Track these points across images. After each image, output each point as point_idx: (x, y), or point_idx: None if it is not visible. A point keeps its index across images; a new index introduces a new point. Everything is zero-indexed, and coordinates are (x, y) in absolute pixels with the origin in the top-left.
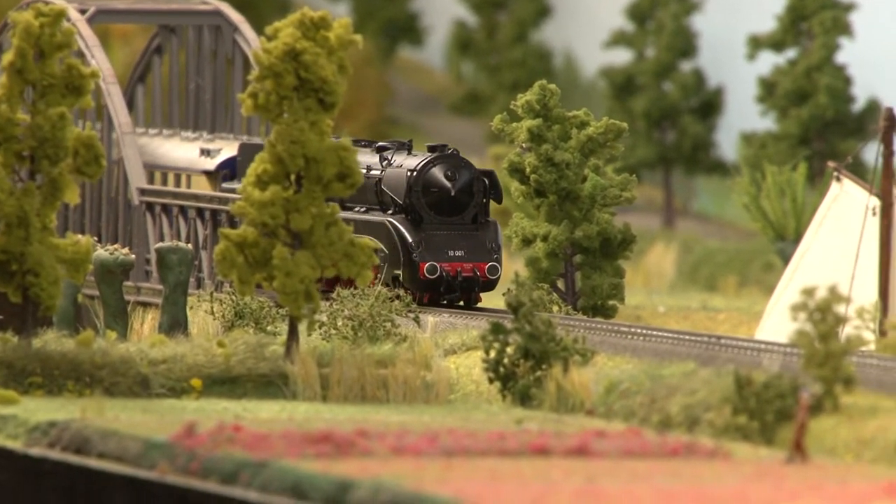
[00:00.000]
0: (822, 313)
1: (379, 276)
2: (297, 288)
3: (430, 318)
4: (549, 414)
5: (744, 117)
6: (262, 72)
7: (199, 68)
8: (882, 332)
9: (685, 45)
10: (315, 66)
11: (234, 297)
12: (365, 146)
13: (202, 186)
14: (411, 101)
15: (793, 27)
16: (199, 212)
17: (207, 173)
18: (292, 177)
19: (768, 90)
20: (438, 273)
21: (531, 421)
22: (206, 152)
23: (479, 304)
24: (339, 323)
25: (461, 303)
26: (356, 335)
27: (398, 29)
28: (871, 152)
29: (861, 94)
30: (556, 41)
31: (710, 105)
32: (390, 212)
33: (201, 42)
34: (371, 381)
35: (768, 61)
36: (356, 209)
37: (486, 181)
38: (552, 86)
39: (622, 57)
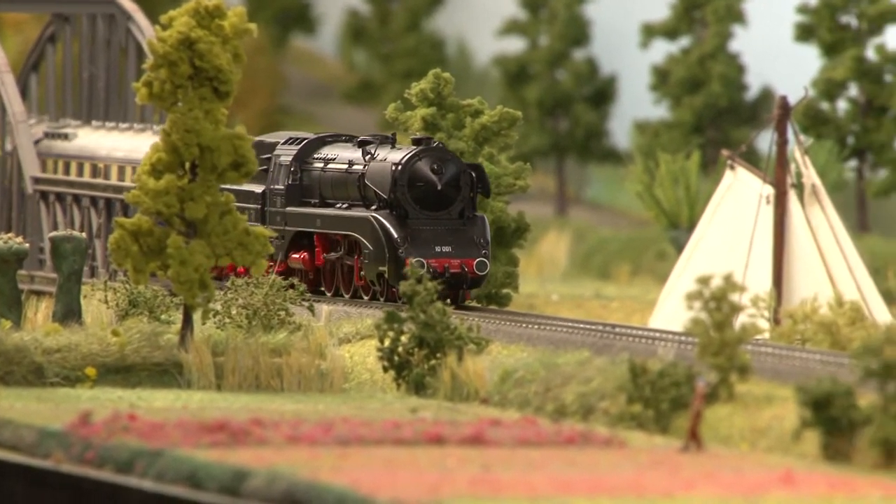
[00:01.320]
0: (718, 302)
1: (362, 272)
2: (191, 277)
3: (325, 307)
4: (444, 402)
5: (637, 106)
6: (156, 60)
7: (93, 57)
8: (776, 321)
9: (578, 33)
10: (210, 55)
11: (128, 286)
12: (346, 141)
13: None
14: (304, 89)
15: (686, 15)
16: (93, 200)
17: None
18: (187, 165)
19: (662, 78)
20: (425, 269)
21: (426, 409)
22: None
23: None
24: (234, 312)
25: (448, 300)
26: (250, 324)
27: (291, 17)
28: (765, 141)
29: (754, 82)
30: (448, 30)
31: (603, 93)
32: (374, 207)
33: (95, 31)
34: (265, 370)
35: (662, 50)
36: (338, 205)
37: (473, 175)
38: (446, 74)
39: (515, 45)
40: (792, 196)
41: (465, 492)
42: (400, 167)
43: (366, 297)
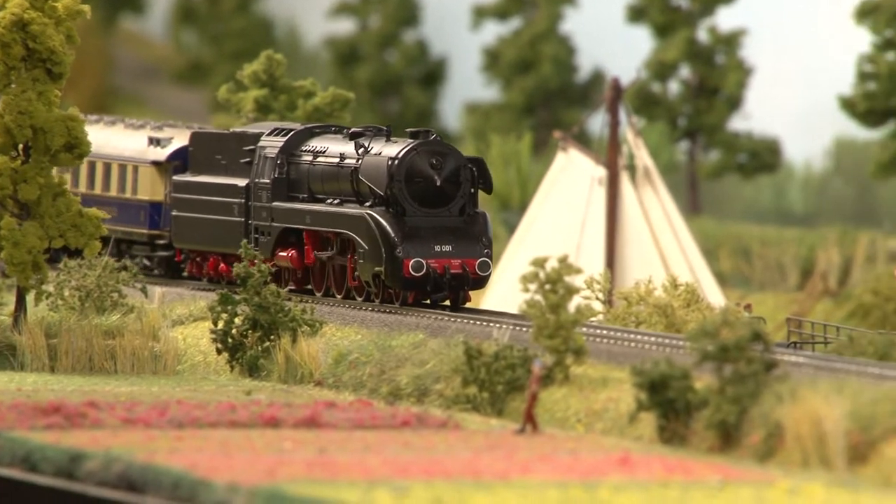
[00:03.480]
0: (553, 284)
1: (356, 273)
2: (24, 258)
3: (158, 289)
4: (279, 385)
5: (468, 87)
6: None
7: None
8: (610, 303)
9: (409, 15)
10: (43, 37)
11: None
12: (336, 132)
13: (150, 178)
14: (133, 71)
15: None
16: None
17: (157, 164)
18: (20, 147)
19: (493, 60)
20: (425, 270)
21: (260, 392)
22: (155, 141)
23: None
24: (67, 293)
25: (448, 303)
26: (83, 306)
27: None
28: (597, 122)
29: (586, 63)
30: (278, 11)
31: (433, 75)
32: (369, 204)
33: None
34: (99, 352)
35: (492, 31)
36: (329, 200)
37: (474, 169)
38: (278, 56)
39: (346, 27)
40: (624, 178)
41: (301, 474)
42: (396, 161)
43: (359, 299)
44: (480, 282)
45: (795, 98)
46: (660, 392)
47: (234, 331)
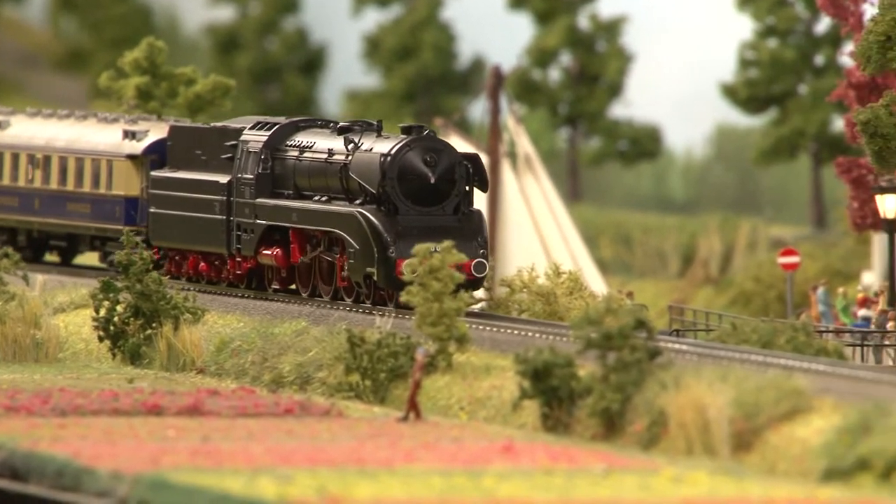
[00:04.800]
0: (436, 272)
1: (346, 273)
2: None
3: (39, 277)
4: (161, 373)
5: (349, 74)
6: None
7: None
8: (489, 290)
9: (289, 2)
10: None
11: None
12: (322, 126)
13: (126, 173)
14: (12, 58)
15: None
16: None
17: (132, 158)
18: None
19: (373, 47)
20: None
21: (143, 380)
22: (130, 135)
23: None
24: None
25: None
26: None
27: None
28: (478, 109)
29: (466, 50)
30: None
31: (314, 62)
32: (359, 201)
33: None
34: None
35: (373, 18)
36: (317, 198)
37: (469, 166)
38: (160, 43)
39: (226, 14)
40: (505, 165)
41: (185, 462)
42: (389, 158)
43: (348, 299)
44: (476, 283)
45: (676, 85)
46: (543, 380)
47: (115, 318)
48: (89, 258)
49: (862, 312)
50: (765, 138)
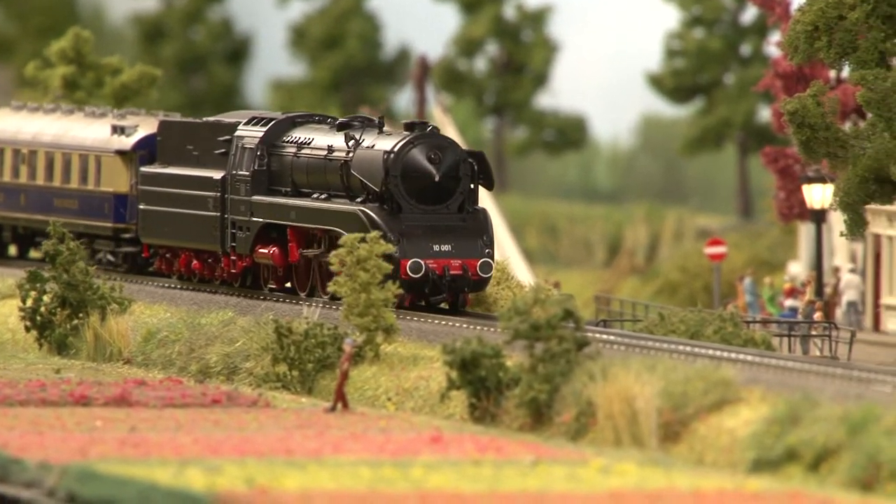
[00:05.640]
0: (363, 263)
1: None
2: None
3: None
4: (88, 363)
5: (274, 64)
6: None
7: None
8: None
9: None
10: None
11: None
12: (320, 122)
13: (115, 169)
14: None
15: None
16: None
17: (122, 154)
18: None
19: (299, 37)
20: (423, 271)
21: (70, 370)
22: (119, 130)
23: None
24: None
25: (446, 306)
26: None
27: None
28: (405, 99)
29: (392, 40)
30: None
31: (239, 52)
32: (360, 199)
33: None
34: None
35: (299, 8)
36: (316, 195)
37: (474, 164)
38: (86, 33)
39: (151, 4)
40: None
41: (113, 453)
42: (392, 156)
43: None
44: (482, 283)
45: (602, 75)
46: (471, 370)
47: (42, 309)
48: None
49: (789, 303)
50: (691, 128)
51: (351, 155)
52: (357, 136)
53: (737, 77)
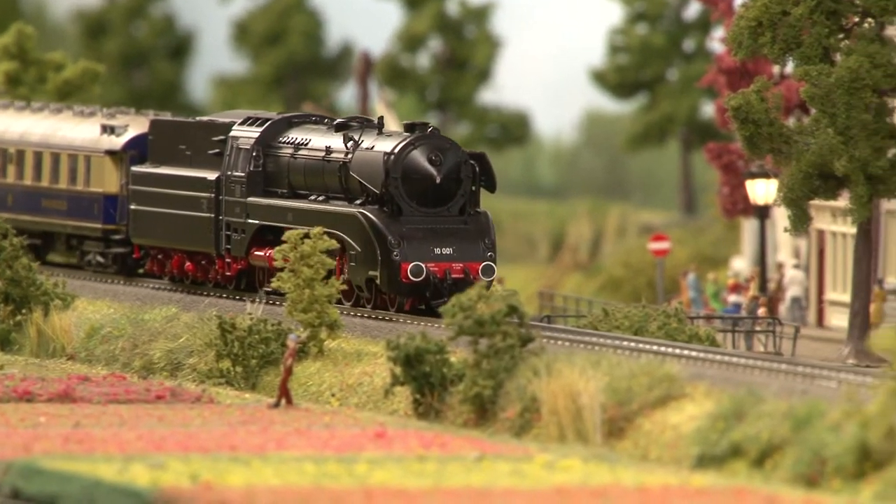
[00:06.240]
0: (306, 259)
1: (346, 276)
2: None
3: None
4: (31, 359)
5: (217, 60)
6: None
7: None
8: None
9: None
10: None
11: None
12: (316, 122)
13: (105, 169)
14: None
15: None
16: None
17: (112, 154)
18: None
19: (242, 32)
20: (424, 275)
21: (13, 366)
22: (109, 130)
23: None
24: None
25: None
26: None
27: None
28: (348, 95)
29: (335, 36)
30: None
31: (181, 47)
32: (359, 202)
33: None
34: None
35: (241, 4)
36: (313, 197)
37: (476, 165)
38: (28, 29)
39: (93, 0)
40: None
41: (57, 449)
42: (393, 157)
43: (347, 304)
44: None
45: (545, 71)
46: (415, 366)
47: None
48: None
49: (732, 298)
50: (634, 124)
51: (350, 156)
52: (356, 137)
53: (680, 73)
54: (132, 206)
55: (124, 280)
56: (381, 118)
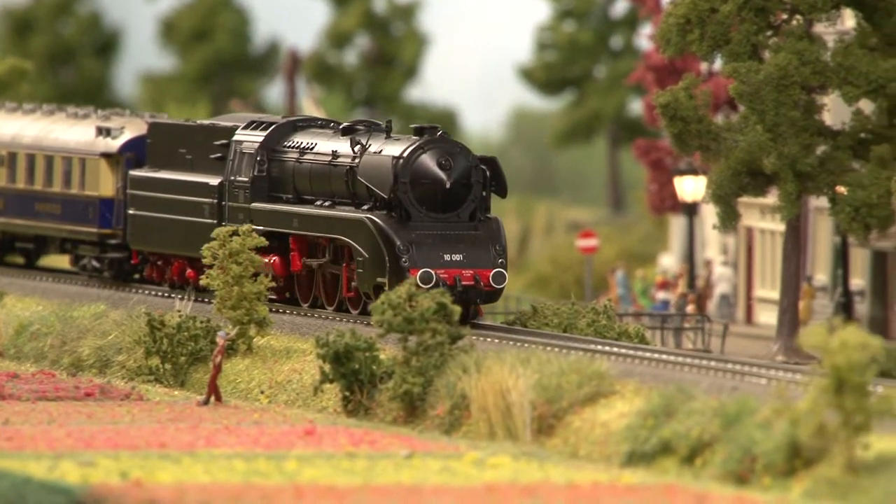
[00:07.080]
0: (235, 256)
1: (353, 283)
2: None
3: None
4: None
5: (144, 57)
6: None
7: None
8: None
9: None
10: None
11: None
12: (322, 126)
13: (100, 172)
14: None
15: None
16: None
17: (107, 156)
18: None
19: (169, 30)
20: (434, 282)
21: None
22: (104, 132)
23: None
24: None
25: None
26: None
27: None
28: (275, 92)
29: (262, 33)
30: None
31: (108, 45)
32: (367, 207)
33: None
34: None
35: (168, 1)
36: (319, 202)
37: (486, 170)
38: None
39: None
40: None
41: None
42: (401, 161)
43: (354, 311)
44: (494, 295)
45: (473, 68)
46: (344, 363)
47: None
48: (57, 261)
49: (661, 295)
50: (562, 121)
51: (357, 160)
52: (363, 141)
53: (608, 70)
54: (130, 211)
55: (52, 277)
56: (389, 121)
